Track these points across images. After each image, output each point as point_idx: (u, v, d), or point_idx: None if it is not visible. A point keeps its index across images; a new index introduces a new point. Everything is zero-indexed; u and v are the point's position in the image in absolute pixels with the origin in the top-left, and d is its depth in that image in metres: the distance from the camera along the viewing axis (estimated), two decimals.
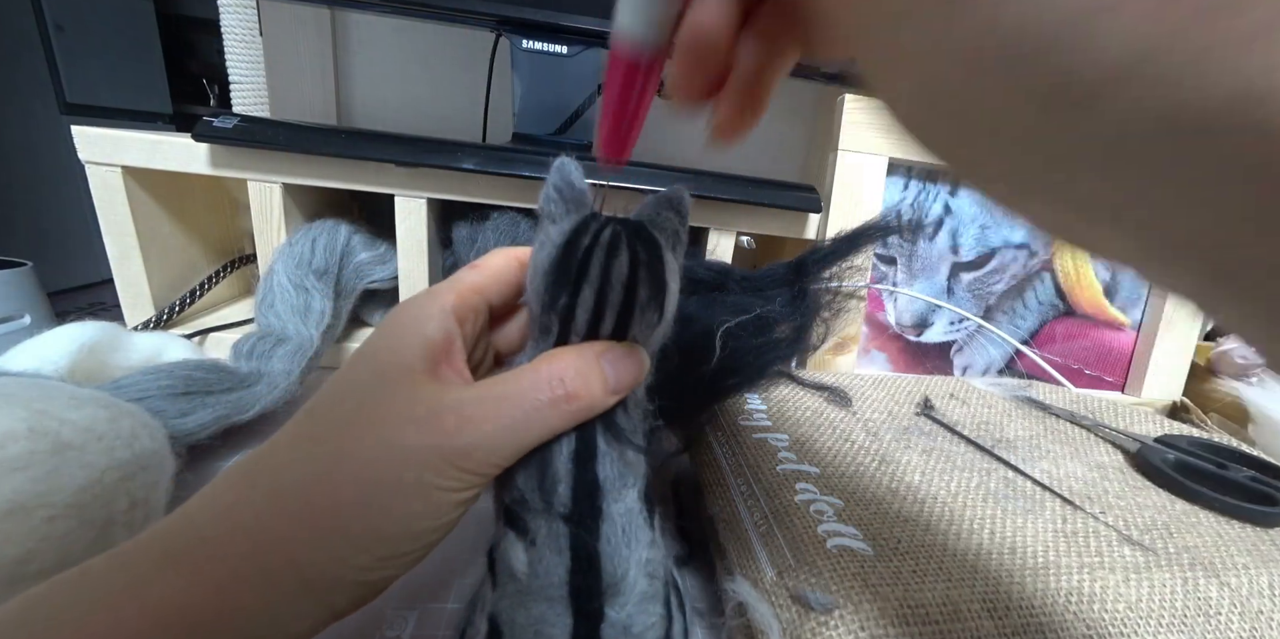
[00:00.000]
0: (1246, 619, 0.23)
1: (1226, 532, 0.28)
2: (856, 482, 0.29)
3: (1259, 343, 0.08)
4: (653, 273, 0.15)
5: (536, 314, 0.16)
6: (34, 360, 0.30)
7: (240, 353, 0.37)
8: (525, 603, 0.16)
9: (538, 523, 0.16)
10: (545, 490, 0.16)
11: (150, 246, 0.44)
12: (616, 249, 0.15)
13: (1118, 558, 0.25)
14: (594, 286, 0.15)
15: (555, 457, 0.16)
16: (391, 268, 0.47)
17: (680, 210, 0.18)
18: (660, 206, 0.17)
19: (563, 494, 0.16)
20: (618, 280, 0.15)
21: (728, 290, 0.35)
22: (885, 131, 0.47)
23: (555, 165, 0.18)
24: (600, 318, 0.15)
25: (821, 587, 0.21)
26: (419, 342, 0.17)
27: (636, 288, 0.15)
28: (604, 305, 0.15)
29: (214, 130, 0.40)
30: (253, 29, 0.57)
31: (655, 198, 0.18)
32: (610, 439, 0.16)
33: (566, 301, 0.15)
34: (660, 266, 0.16)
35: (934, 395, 0.42)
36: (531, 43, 0.46)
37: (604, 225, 0.16)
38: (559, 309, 0.16)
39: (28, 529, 0.20)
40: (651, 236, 0.16)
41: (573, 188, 0.17)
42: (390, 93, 0.63)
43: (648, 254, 0.15)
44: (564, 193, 0.17)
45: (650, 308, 0.16)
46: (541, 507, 0.16)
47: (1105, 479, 0.32)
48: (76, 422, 0.23)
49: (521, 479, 0.16)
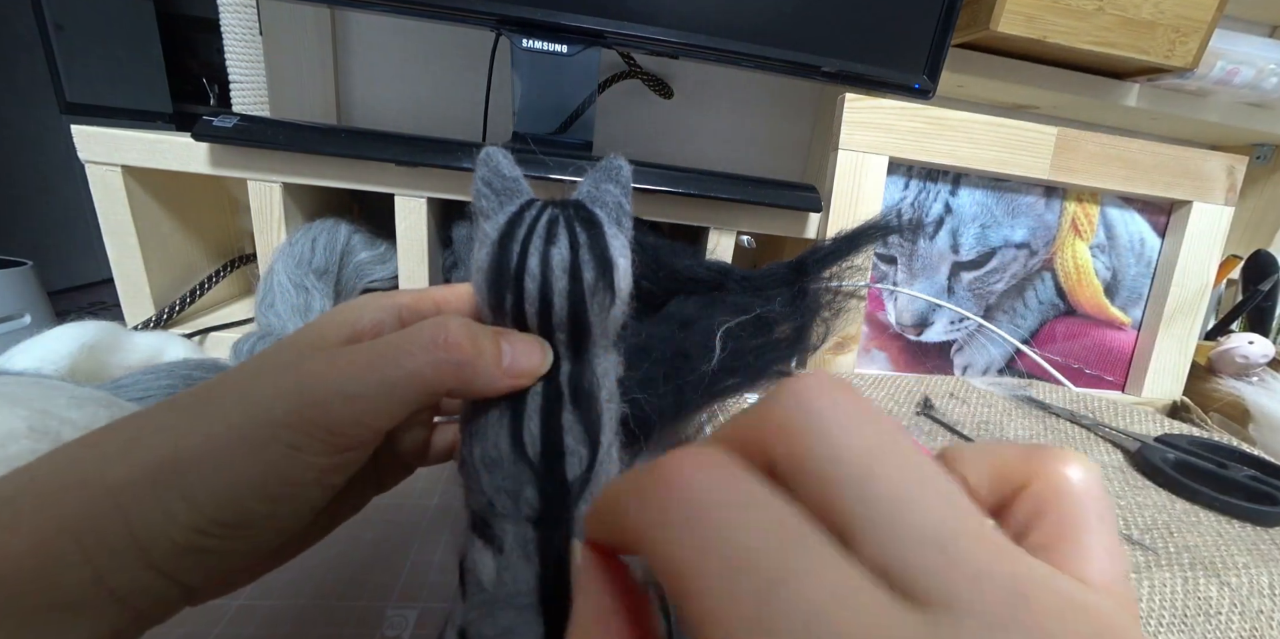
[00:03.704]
0: (1247, 619, 0.23)
1: (1227, 531, 0.28)
2: None
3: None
4: (596, 253, 0.15)
5: (489, 317, 0.16)
6: (34, 360, 0.30)
7: (240, 352, 0.37)
8: (494, 613, 0.15)
9: (504, 528, 0.15)
10: (511, 493, 0.15)
11: (150, 246, 0.44)
12: (554, 235, 0.14)
13: None
14: (536, 280, 0.14)
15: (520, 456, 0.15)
16: (391, 267, 0.47)
17: (619, 180, 0.17)
18: (599, 180, 0.17)
19: (529, 496, 0.15)
20: (560, 268, 0.14)
21: (727, 290, 0.35)
22: (885, 130, 0.48)
23: (481, 158, 0.17)
24: (549, 309, 0.15)
25: None
26: (345, 325, 0.16)
27: (581, 272, 0.14)
28: (550, 296, 0.14)
29: (213, 130, 0.40)
30: (252, 28, 0.57)
31: (593, 171, 0.17)
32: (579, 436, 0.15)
33: (513, 300, 0.15)
34: (603, 244, 0.15)
35: (934, 395, 0.42)
36: (532, 42, 0.45)
37: (540, 212, 0.15)
38: (507, 309, 0.15)
39: None
40: (590, 215, 0.15)
41: (502, 178, 0.16)
42: (390, 92, 0.63)
43: (589, 235, 0.15)
44: (494, 185, 0.16)
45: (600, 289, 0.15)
46: (508, 511, 0.15)
47: (1105, 479, 0.32)
48: (77, 421, 0.23)
49: (486, 482, 0.15)
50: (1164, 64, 0.53)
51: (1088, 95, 0.60)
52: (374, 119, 0.64)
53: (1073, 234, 0.53)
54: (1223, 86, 0.59)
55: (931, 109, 0.48)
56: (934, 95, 0.49)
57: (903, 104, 0.48)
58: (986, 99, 0.64)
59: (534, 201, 0.16)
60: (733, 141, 0.70)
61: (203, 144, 0.40)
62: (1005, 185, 0.51)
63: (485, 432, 0.15)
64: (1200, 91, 0.61)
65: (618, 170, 0.17)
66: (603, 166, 0.17)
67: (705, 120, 0.68)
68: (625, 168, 0.17)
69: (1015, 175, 0.50)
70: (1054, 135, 0.49)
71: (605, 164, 0.17)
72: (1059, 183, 0.51)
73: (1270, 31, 0.68)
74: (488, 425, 0.15)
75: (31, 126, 0.94)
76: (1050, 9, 0.50)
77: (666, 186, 0.44)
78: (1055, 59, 0.57)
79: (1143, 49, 0.52)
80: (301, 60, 0.59)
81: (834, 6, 0.46)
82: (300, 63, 0.59)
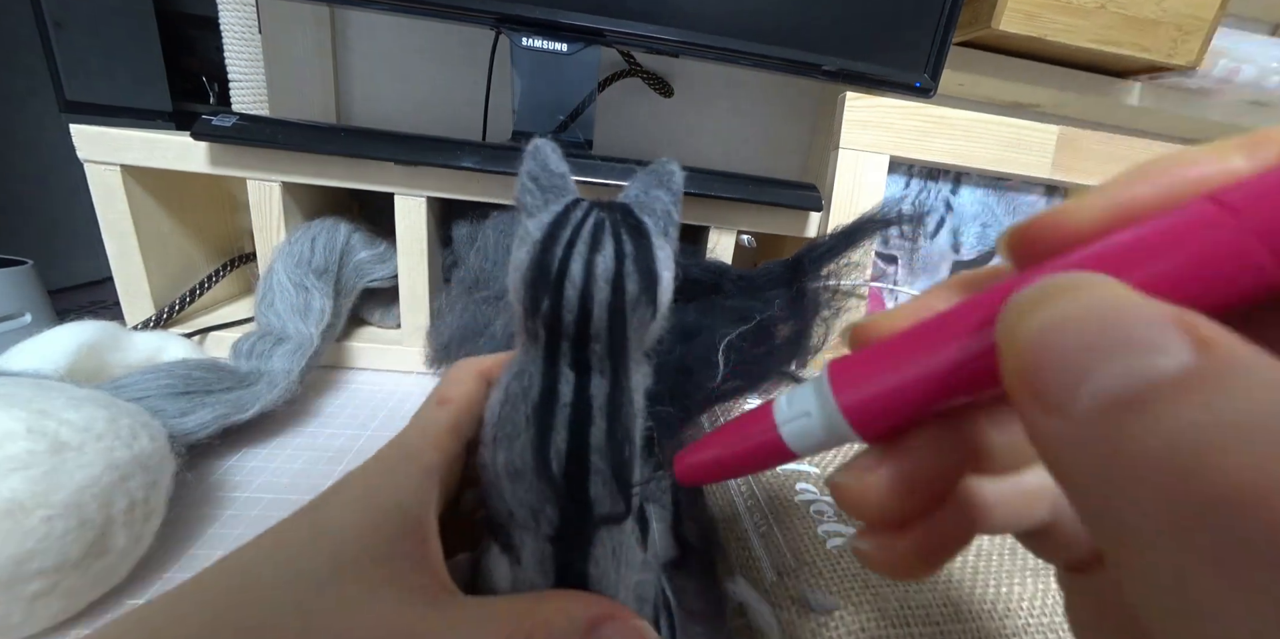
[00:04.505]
0: None
1: None
2: None
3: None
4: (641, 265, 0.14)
5: (521, 318, 0.15)
6: (34, 359, 0.30)
7: (240, 352, 0.37)
8: None
9: (523, 539, 0.15)
10: (532, 508, 0.15)
11: (150, 245, 0.43)
12: (599, 242, 0.14)
13: None
14: (577, 287, 0.14)
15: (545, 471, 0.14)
16: (391, 266, 0.47)
17: (671, 187, 0.16)
18: (648, 184, 0.16)
19: (550, 514, 0.15)
20: (603, 278, 0.13)
21: (724, 291, 0.35)
22: (886, 129, 0.47)
23: (529, 150, 0.16)
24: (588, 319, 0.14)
25: (822, 587, 0.21)
26: (394, 521, 0.14)
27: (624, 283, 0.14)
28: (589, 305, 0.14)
29: (213, 129, 0.39)
30: (252, 27, 0.57)
31: (642, 174, 0.16)
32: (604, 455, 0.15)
33: (550, 305, 0.14)
34: (649, 257, 0.14)
35: None
36: (531, 40, 0.45)
37: (586, 214, 0.14)
38: (543, 314, 0.14)
39: (26, 529, 0.20)
40: (639, 223, 0.14)
41: (550, 174, 0.15)
42: (390, 91, 0.63)
43: (634, 244, 0.14)
44: (540, 181, 0.15)
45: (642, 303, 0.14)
46: (528, 525, 0.15)
47: None
48: (75, 421, 0.23)
49: (508, 492, 0.15)
50: (1166, 62, 0.53)
51: (1089, 94, 0.60)
52: (374, 118, 0.64)
53: None
54: (1225, 85, 0.59)
55: (932, 108, 0.48)
56: (935, 94, 0.49)
57: (903, 103, 0.48)
58: (987, 97, 0.64)
59: (580, 201, 0.15)
60: (733, 140, 0.69)
61: (202, 143, 0.40)
62: (1006, 184, 0.51)
63: (512, 439, 0.15)
64: (1202, 90, 0.61)
65: (670, 176, 0.16)
66: (653, 170, 0.16)
67: (705, 119, 0.68)
68: (678, 173, 0.16)
69: (1016, 174, 0.50)
70: (1055, 134, 0.49)
71: (656, 167, 0.16)
72: (1060, 182, 0.51)
73: (1273, 30, 0.68)
74: (515, 432, 0.15)
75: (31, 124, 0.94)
76: (1052, 7, 0.50)
77: None
78: (1057, 57, 0.57)
79: (1145, 47, 0.52)
80: (301, 59, 0.59)
81: (835, 5, 0.46)
82: (300, 61, 0.59)
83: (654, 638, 0.15)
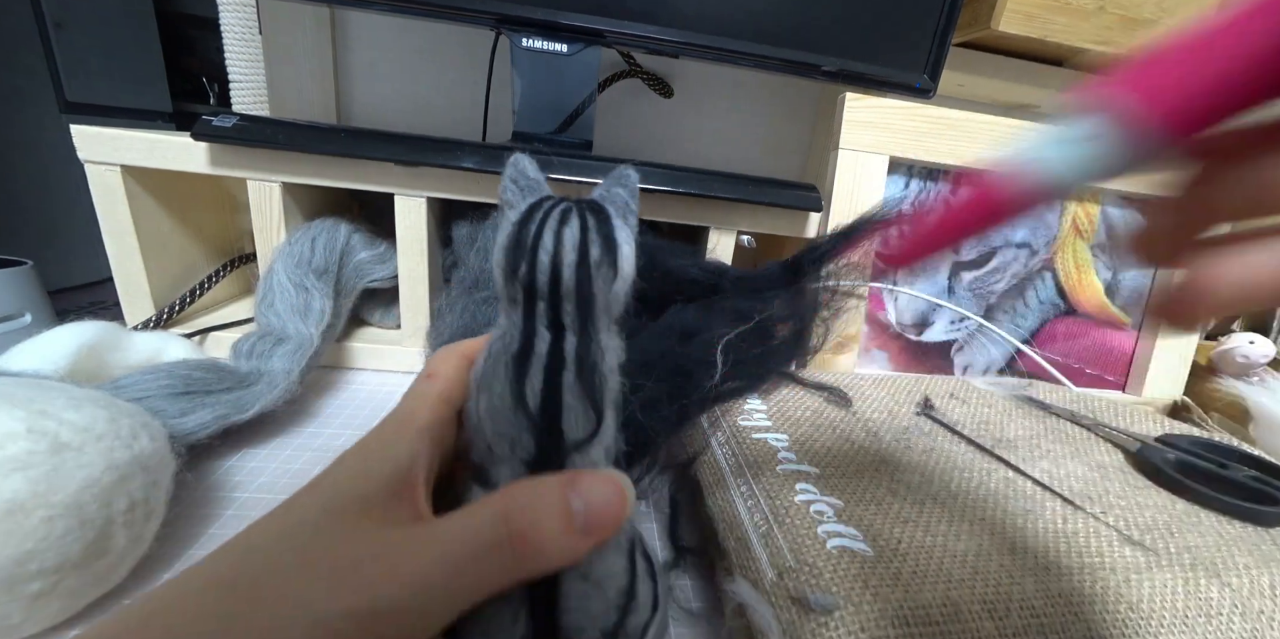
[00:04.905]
0: (1248, 620, 0.23)
1: (1227, 531, 0.28)
2: (856, 482, 0.29)
3: None
4: (603, 234, 0.17)
5: (502, 286, 0.17)
6: (34, 360, 0.30)
7: (240, 352, 0.37)
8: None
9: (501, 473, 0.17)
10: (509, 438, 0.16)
11: (150, 246, 0.43)
12: (567, 219, 0.17)
13: (1118, 558, 0.25)
14: (549, 252, 0.16)
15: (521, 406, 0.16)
16: (391, 267, 0.47)
17: (627, 185, 0.19)
18: (609, 185, 0.19)
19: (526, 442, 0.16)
20: (570, 244, 0.16)
21: (723, 292, 0.35)
22: (886, 130, 0.47)
23: (510, 162, 0.19)
24: (558, 280, 0.16)
25: (822, 588, 0.21)
26: (385, 469, 0.16)
27: (589, 248, 0.16)
28: (560, 268, 0.16)
29: (213, 129, 0.40)
30: (252, 27, 0.57)
31: (605, 179, 0.20)
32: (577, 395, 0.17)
33: (526, 269, 0.16)
34: (610, 229, 0.17)
35: (934, 395, 0.42)
36: (531, 41, 0.45)
37: (556, 203, 0.17)
38: (520, 277, 0.16)
39: (26, 529, 0.20)
40: (601, 207, 0.17)
41: (528, 177, 0.19)
42: (390, 91, 0.63)
43: (597, 221, 0.17)
44: (520, 182, 0.18)
45: (604, 264, 0.17)
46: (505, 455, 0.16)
47: (1106, 479, 0.32)
48: (75, 422, 0.23)
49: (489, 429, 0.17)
50: None
51: None
52: (374, 118, 0.64)
53: (1074, 234, 0.53)
54: None
55: (932, 108, 0.48)
56: (935, 94, 0.49)
57: (903, 103, 0.48)
58: (987, 98, 0.64)
59: (552, 196, 0.18)
60: (733, 141, 0.69)
61: (202, 143, 0.40)
62: None
63: (491, 385, 0.17)
64: None
65: (626, 177, 0.19)
66: (613, 175, 0.19)
67: (705, 119, 0.68)
68: (633, 176, 0.20)
69: None
70: None
71: (616, 173, 0.19)
72: None
73: None
74: (494, 380, 0.17)
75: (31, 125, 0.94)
76: (1051, 8, 0.50)
77: (666, 186, 0.44)
78: (1056, 58, 0.57)
79: None
80: (301, 59, 0.59)
81: (834, 5, 0.46)
82: (300, 62, 0.59)
83: (627, 483, 0.17)
